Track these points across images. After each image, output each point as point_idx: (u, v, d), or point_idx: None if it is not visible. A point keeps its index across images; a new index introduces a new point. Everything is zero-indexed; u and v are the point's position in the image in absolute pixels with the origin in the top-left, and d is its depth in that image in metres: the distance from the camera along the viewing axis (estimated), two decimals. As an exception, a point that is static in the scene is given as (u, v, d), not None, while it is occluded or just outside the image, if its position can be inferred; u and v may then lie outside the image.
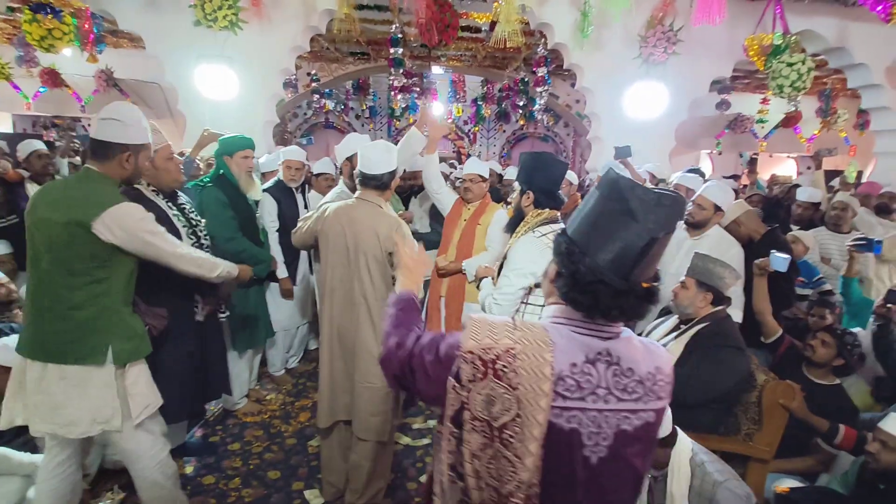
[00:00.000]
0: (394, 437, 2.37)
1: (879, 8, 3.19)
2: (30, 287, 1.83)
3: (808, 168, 9.71)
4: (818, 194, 4.19)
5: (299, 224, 2.41)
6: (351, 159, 2.76)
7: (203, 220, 2.53)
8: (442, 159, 9.91)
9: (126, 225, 1.73)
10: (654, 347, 0.98)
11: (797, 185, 5.21)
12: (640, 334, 2.77)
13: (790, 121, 8.56)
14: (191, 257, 1.98)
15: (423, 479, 2.66)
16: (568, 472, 0.87)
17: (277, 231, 3.32)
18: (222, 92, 4.23)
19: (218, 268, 2.09)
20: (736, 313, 2.73)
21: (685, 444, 1.80)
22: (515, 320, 0.91)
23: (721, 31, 4.28)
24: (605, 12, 4.12)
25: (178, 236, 2.30)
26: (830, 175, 7.30)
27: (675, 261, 2.95)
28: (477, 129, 11.93)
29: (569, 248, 0.90)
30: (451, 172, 6.31)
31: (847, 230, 3.76)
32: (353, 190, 2.39)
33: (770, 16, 4.13)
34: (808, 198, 4.11)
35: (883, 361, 2.61)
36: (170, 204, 2.33)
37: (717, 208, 2.82)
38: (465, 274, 2.99)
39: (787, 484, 2.11)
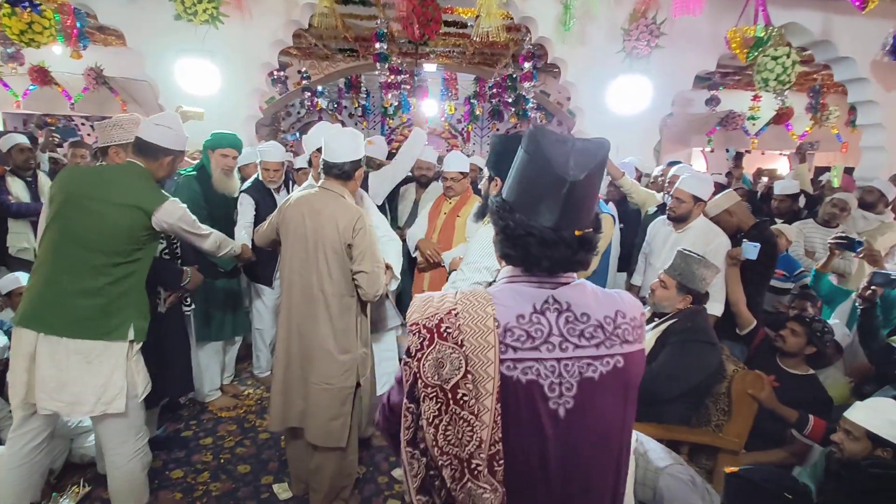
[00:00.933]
0: (355, 437, 2.26)
1: (855, -2, 3.16)
2: (48, 264, 1.88)
3: (799, 163, 9.68)
4: (794, 186, 4.17)
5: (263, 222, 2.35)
6: (321, 150, 2.73)
7: None
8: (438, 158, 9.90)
9: (174, 218, 1.98)
10: (615, 294, 0.95)
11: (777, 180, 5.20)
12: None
13: (781, 117, 8.55)
14: (211, 238, 2.24)
15: (398, 473, 2.64)
16: (535, 428, 0.85)
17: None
18: (203, 87, 4.20)
19: (224, 247, 2.34)
20: (717, 307, 2.71)
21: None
22: (459, 289, 0.91)
23: (704, 24, 4.25)
24: (587, 5, 4.09)
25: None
26: (820, 171, 7.29)
27: (662, 255, 2.94)
28: (471, 127, 11.92)
29: (500, 206, 0.91)
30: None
31: (836, 226, 3.75)
32: None
33: (753, 8, 4.10)
34: (782, 190, 4.10)
35: (867, 347, 2.59)
36: None
37: (697, 199, 2.80)
38: (445, 267, 2.98)
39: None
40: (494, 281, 1.84)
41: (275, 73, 7.55)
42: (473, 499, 0.81)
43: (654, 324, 2.36)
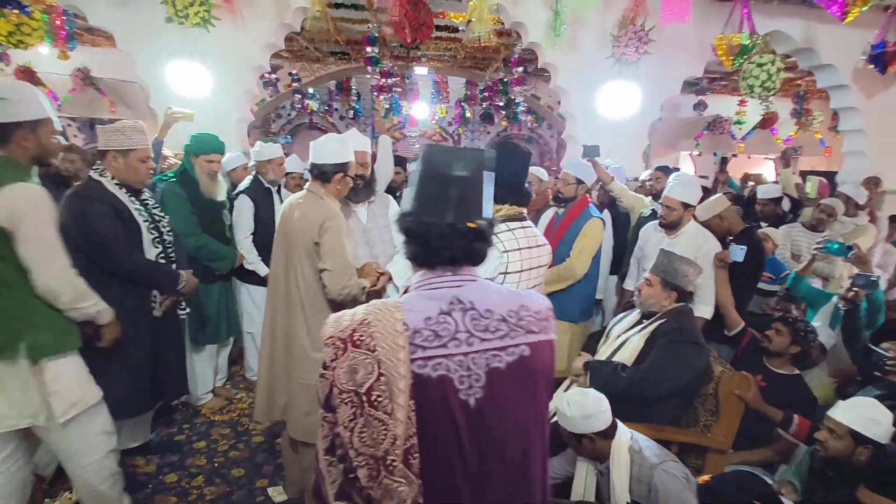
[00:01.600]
0: None
1: (834, 7, 3.25)
2: None
3: (783, 167, 9.86)
4: (776, 190, 4.27)
5: None
6: None
7: (166, 216, 2.52)
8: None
9: (14, 206, 1.59)
10: (522, 292, 1.03)
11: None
12: (603, 327, 2.79)
13: (767, 122, 8.70)
14: (60, 273, 1.71)
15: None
16: (448, 420, 0.90)
17: (253, 233, 3.28)
18: (195, 89, 4.20)
19: (82, 303, 1.79)
20: (706, 310, 2.77)
21: (624, 434, 1.83)
22: (372, 302, 0.97)
23: (691, 31, 4.33)
24: (577, 11, 4.15)
25: (139, 231, 2.30)
26: (805, 174, 7.43)
27: (655, 260, 2.99)
28: (461, 130, 11.97)
29: (401, 216, 1.00)
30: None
31: (822, 230, 3.84)
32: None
33: (738, 16, 4.20)
34: (764, 194, 4.20)
35: (850, 348, 2.65)
36: (132, 198, 2.32)
37: (686, 205, 2.86)
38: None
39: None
40: None
41: (265, 75, 7.52)
42: (390, 493, 0.85)
43: (641, 325, 2.41)
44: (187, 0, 3.96)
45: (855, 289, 2.53)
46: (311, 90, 9.69)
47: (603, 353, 2.43)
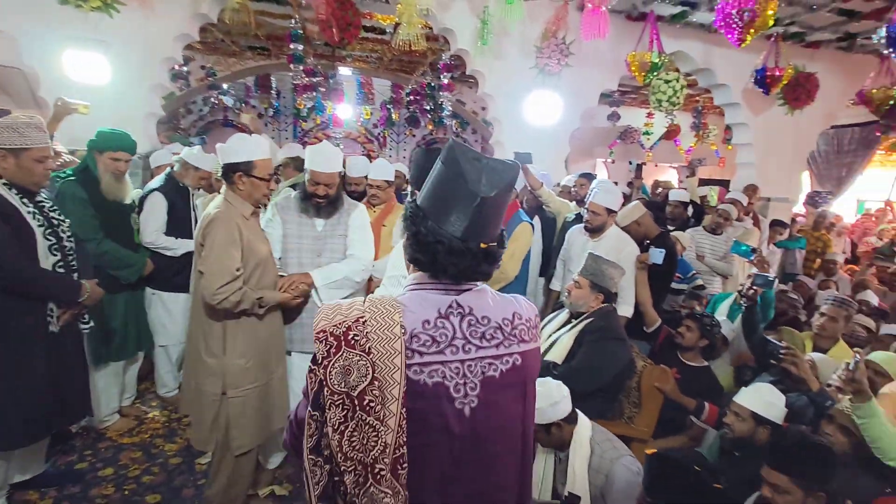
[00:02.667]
0: (225, 452, 2.08)
1: (732, 35, 3.62)
2: None
3: (687, 176, 10.82)
4: (685, 194, 4.70)
5: None
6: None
7: (67, 220, 2.26)
8: (350, 162, 9.70)
9: None
10: (512, 298, 1.02)
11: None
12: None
13: (671, 133, 9.49)
14: None
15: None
16: (441, 428, 0.88)
17: (165, 234, 3.01)
18: (96, 80, 3.80)
19: None
20: (627, 308, 2.95)
21: (585, 425, 1.92)
22: (368, 297, 0.93)
23: (608, 48, 4.62)
24: (504, 21, 4.27)
25: (32, 237, 2.04)
26: (704, 183, 8.22)
27: (580, 262, 3.14)
28: (387, 132, 11.88)
29: (413, 212, 0.94)
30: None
31: (721, 233, 4.25)
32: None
33: (649, 36, 4.54)
34: (676, 197, 4.60)
35: (749, 339, 2.93)
36: (25, 200, 2.06)
37: (610, 211, 3.04)
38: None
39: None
40: None
41: (175, 67, 7.00)
42: (375, 503, 0.82)
43: (570, 325, 2.52)
44: (86, -19, 3.59)
45: (755, 287, 2.81)
46: (225, 85, 9.16)
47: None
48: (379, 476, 0.82)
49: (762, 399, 2.05)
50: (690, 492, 1.70)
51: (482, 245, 0.91)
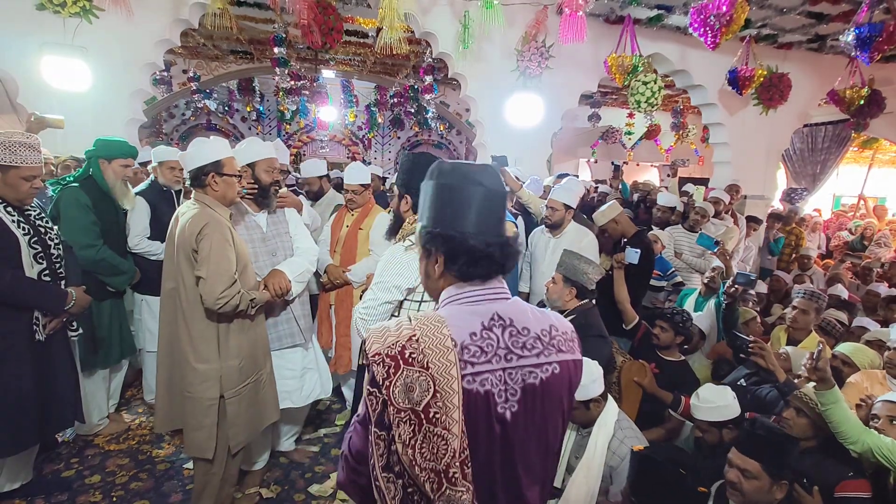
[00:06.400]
0: (222, 453, 2.12)
1: (708, 39, 3.72)
2: None
3: (668, 175, 11.00)
4: (675, 199, 4.79)
5: None
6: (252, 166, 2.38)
7: (55, 227, 2.27)
8: (336, 165, 9.74)
9: None
10: (548, 312, 1.08)
11: (650, 191, 5.92)
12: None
13: (651, 133, 9.64)
14: None
15: (315, 489, 2.59)
16: (487, 431, 0.94)
17: (149, 238, 3.02)
18: (75, 86, 3.77)
19: None
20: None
21: (613, 408, 2.08)
22: (409, 316, 0.97)
23: (587, 50, 4.70)
24: (484, 26, 4.33)
25: (16, 245, 2.04)
26: (684, 181, 8.38)
27: (545, 259, 3.25)
28: (372, 135, 11.89)
29: (430, 237, 1.00)
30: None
31: (699, 231, 4.35)
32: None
33: (627, 38, 4.63)
34: (666, 202, 4.69)
35: (728, 335, 3.03)
36: (9, 209, 2.06)
37: (568, 207, 3.17)
38: (352, 285, 2.99)
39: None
40: (406, 300, 1.88)
41: (157, 72, 6.95)
42: (452, 503, 0.87)
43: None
44: (63, -13, 3.57)
45: (736, 285, 2.90)
46: (207, 89, 9.10)
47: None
48: (454, 479, 0.87)
49: (712, 407, 2.10)
50: (675, 494, 1.75)
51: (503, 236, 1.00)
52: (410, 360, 0.89)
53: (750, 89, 4.92)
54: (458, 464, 0.87)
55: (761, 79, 4.88)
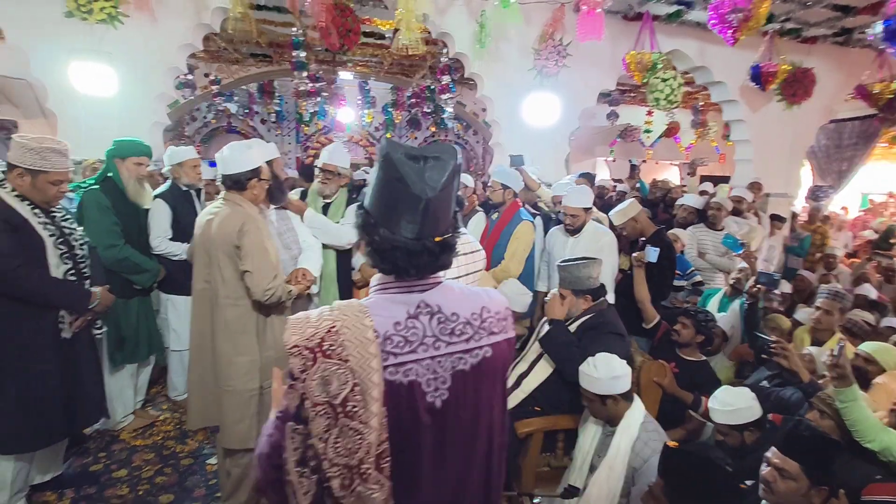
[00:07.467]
0: None
1: (727, 35, 3.66)
2: None
3: (689, 174, 10.82)
4: (699, 201, 4.68)
5: None
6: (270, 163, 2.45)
7: (80, 228, 2.34)
8: (356, 166, 9.83)
9: None
10: (482, 292, 1.04)
11: (670, 190, 5.83)
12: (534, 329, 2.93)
13: (671, 131, 9.51)
14: None
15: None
16: (415, 421, 0.92)
17: (171, 239, 3.07)
18: (102, 91, 3.88)
19: None
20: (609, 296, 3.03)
21: (639, 409, 2.06)
22: (332, 305, 0.93)
23: (605, 48, 4.66)
24: (501, 25, 4.33)
25: (42, 246, 2.11)
26: (704, 179, 8.24)
27: (564, 258, 3.22)
28: (389, 135, 11.95)
29: (365, 219, 0.95)
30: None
31: (721, 227, 4.27)
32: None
33: (646, 35, 4.58)
34: (690, 203, 4.59)
35: (750, 335, 2.98)
36: (36, 211, 2.13)
37: (586, 209, 3.17)
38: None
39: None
40: None
41: (180, 76, 7.10)
42: (363, 500, 0.85)
43: (567, 322, 2.57)
44: (91, -6, 3.67)
45: (759, 285, 2.85)
46: (228, 92, 9.26)
47: (535, 350, 2.56)
48: (365, 475, 0.85)
49: (731, 410, 2.04)
50: (713, 490, 1.66)
51: (436, 239, 0.93)
52: (329, 352, 0.86)
53: (773, 85, 4.82)
54: (372, 459, 0.85)
55: (785, 74, 4.78)
